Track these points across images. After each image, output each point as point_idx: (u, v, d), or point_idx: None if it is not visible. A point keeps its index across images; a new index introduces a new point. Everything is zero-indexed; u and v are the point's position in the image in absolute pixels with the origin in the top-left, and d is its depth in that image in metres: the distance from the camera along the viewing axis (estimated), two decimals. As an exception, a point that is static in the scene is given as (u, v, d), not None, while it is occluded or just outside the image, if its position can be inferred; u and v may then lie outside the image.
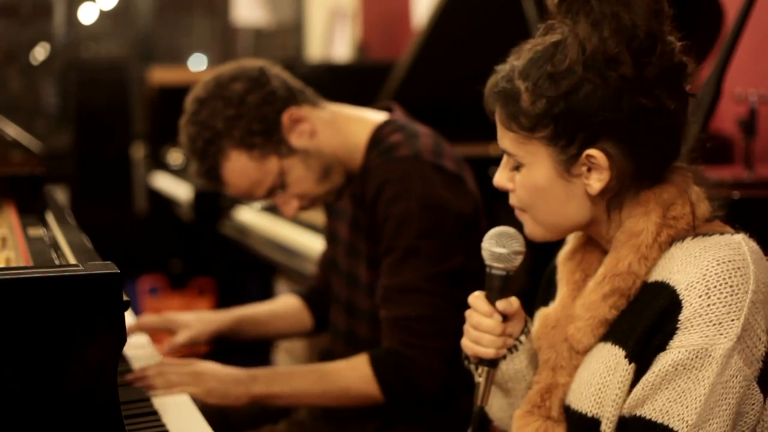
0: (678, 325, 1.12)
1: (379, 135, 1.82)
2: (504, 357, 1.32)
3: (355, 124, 1.87)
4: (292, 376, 1.72)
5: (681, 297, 1.13)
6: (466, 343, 1.30)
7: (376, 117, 1.89)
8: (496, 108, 1.24)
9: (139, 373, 1.59)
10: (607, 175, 1.18)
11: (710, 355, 1.10)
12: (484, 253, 1.27)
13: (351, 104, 1.96)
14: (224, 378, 1.65)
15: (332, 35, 5.84)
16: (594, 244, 1.31)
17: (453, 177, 1.77)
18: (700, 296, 1.12)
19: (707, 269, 1.12)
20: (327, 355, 1.98)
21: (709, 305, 1.11)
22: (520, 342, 1.33)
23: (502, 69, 1.23)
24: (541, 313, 1.34)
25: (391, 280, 1.73)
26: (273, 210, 1.89)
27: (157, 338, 1.97)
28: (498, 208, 2.14)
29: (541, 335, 1.30)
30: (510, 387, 1.35)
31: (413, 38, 3.38)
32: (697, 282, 1.12)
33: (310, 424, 1.92)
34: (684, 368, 1.11)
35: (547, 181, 1.21)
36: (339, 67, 4.69)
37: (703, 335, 1.11)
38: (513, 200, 1.28)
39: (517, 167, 1.24)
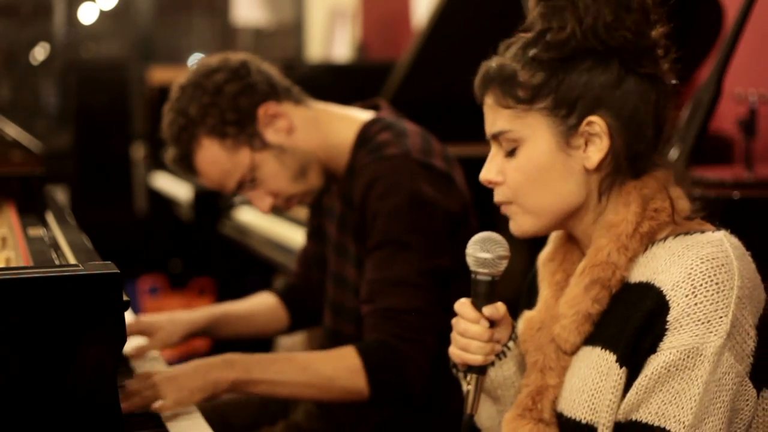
0: (667, 326, 1.12)
1: (366, 133, 1.82)
2: (492, 364, 1.31)
3: (339, 122, 1.86)
4: (274, 363, 1.62)
5: (667, 297, 1.13)
6: (454, 351, 1.28)
7: (362, 115, 1.88)
8: (488, 91, 1.24)
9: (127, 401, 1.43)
10: (606, 144, 1.19)
11: (702, 354, 1.11)
12: (469, 260, 1.25)
13: (351, 104, 1.96)
14: (193, 372, 1.52)
15: (332, 35, 5.84)
16: (574, 244, 1.31)
17: (442, 175, 1.76)
18: (686, 295, 1.12)
19: (692, 268, 1.13)
20: None
21: (696, 304, 1.11)
22: (508, 348, 1.32)
23: (492, 60, 1.25)
24: (525, 316, 1.33)
25: (381, 273, 1.70)
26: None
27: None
28: (494, 206, 2.14)
29: (526, 338, 1.30)
30: (499, 394, 1.34)
31: (413, 38, 3.38)
32: (683, 281, 1.13)
33: (307, 426, 1.91)
34: (676, 369, 1.11)
35: (547, 154, 1.21)
36: (339, 67, 4.68)
37: (692, 335, 1.11)
38: (501, 194, 1.26)
39: (511, 151, 1.24)
